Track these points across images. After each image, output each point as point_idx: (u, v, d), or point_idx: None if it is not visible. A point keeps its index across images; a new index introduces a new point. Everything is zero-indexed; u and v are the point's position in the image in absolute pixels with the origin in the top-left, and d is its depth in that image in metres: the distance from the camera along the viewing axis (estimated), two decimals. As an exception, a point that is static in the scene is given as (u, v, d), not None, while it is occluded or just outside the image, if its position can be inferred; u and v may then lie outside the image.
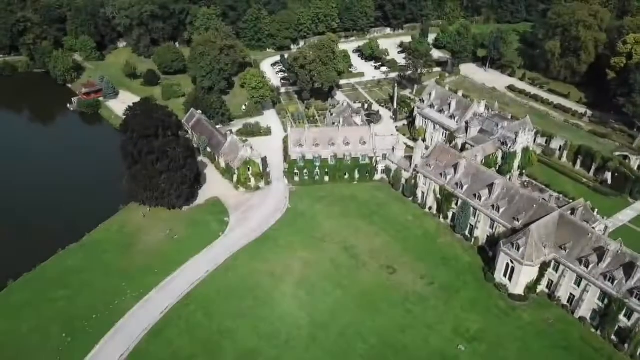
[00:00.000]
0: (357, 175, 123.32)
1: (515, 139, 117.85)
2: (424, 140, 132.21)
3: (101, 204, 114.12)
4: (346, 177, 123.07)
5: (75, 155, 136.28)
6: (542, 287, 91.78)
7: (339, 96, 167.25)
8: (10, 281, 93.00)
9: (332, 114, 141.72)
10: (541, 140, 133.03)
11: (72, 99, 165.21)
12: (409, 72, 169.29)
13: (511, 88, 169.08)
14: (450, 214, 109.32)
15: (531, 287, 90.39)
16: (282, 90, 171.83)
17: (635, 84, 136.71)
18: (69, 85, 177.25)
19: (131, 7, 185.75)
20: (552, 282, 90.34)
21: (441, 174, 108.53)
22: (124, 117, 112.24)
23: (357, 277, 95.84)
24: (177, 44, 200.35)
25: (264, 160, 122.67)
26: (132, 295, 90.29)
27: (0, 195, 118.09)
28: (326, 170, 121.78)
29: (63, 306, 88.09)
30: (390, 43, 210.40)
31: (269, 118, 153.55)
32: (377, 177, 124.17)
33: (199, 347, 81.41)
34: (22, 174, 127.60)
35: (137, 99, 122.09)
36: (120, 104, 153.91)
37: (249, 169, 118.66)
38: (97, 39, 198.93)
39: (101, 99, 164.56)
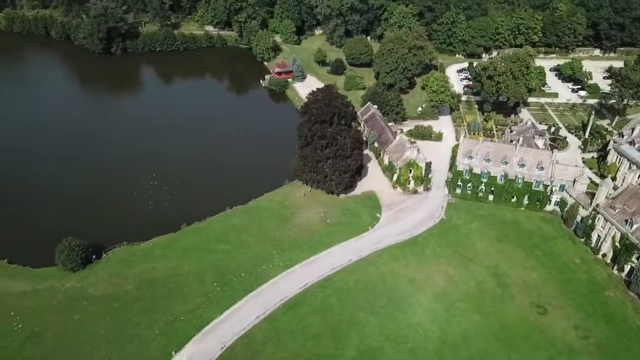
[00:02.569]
0: (525, 201, 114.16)
1: None
2: (613, 179, 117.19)
3: (270, 175, 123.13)
4: (513, 200, 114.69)
5: (257, 127, 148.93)
6: None
7: (524, 114, 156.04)
8: (184, 225, 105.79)
9: (512, 131, 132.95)
10: None
11: (265, 76, 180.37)
12: (612, 101, 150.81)
13: None
14: (627, 268, 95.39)
15: None
16: (463, 98, 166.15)
17: None
18: (265, 63, 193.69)
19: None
20: None
21: (626, 221, 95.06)
22: (306, 100, 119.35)
23: (502, 308, 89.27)
24: (368, 37, 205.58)
25: (428, 165, 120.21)
26: (279, 265, 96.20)
27: (196, 151, 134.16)
28: (492, 188, 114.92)
29: (220, 259, 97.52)
30: (595, 66, 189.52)
31: (443, 124, 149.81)
32: (549, 208, 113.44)
33: (327, 329, 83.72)
34: (212, 135, 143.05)
35: (321, 85, 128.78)
36: (305, 88, 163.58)
37: (411, 170, 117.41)
38: (298, 24, 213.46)
39: (290, 80, 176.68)
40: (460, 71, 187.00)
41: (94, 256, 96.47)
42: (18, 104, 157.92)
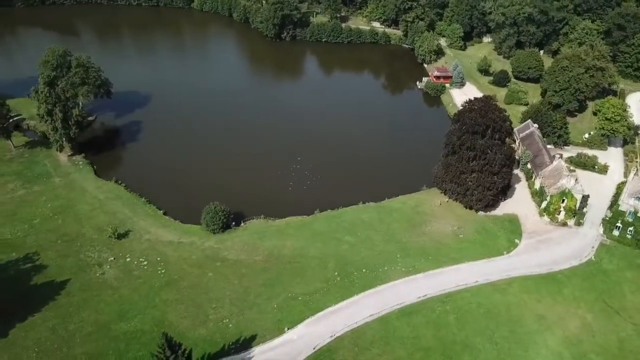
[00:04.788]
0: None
1: None
2: None
3: (408, 177, 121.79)
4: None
5: (404, 128, 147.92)
6: None
7: None
8: (317, 211, 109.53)
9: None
10: None
11: (423, 78, 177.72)
12: None
13: None
14: None
15: None
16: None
17: None
18: (425, 65, 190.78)
19: (511, 5, 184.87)
20: None
21: None
22: (461, 108, 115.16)
23: (644, 375, 78.09)
24: (541, 51, 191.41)
25: (585, 198, 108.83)
26: (401, 269, 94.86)
27: (340, 142, 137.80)
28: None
29: (345, 249, 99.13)
30: None
31: (611, 156, 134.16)
32: None
33: (439, 345, 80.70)
34: (359, 129, 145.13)
35: (479, 94, 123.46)
36: (462, 95, 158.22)
37: (564, 200, 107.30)
38: (467, 29, 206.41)
39: (447, 85, 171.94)
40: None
41: (233, 223, 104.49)
42: (195, 74, 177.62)
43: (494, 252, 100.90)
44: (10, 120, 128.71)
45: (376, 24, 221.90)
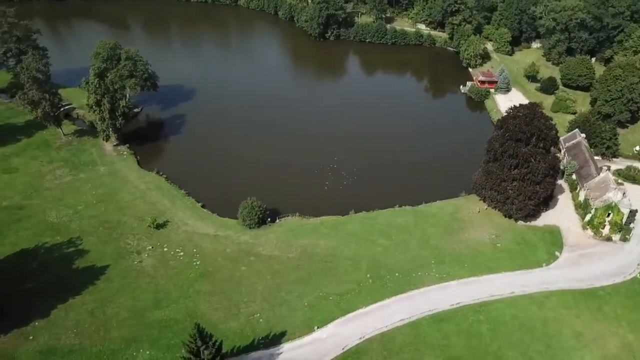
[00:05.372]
0: None
1: None
2: None
3: (446, 183, 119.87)
4: None
5: (445, 132, 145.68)
6: None
7: None
8: (352, 211, 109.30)
9: None
10: None
11: (467, 83, 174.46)
12: None
13: None
14: None
15: None
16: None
17: None
18: (470, 70, 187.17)
19: (563, 10, 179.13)
20: None
21: None
22: (505, 114, 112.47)
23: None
24: (593, 59, 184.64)
25: (633, 213, 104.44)
26: (435, 275, 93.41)
27: (378, 143, 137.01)
28: None
29: (378, 252, 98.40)
30: None
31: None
32: None
33: (470, 355, 79.01)
34: (398, 131, 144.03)
35: (525, 101, 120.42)
36: (507, 101, 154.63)
37: (609, 214, 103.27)
38: (515, 34, 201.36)
39: (492, 90, 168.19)
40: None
41: (268, 219, 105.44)
42: (238, 70, 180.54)
43: (532, 264, 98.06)
44: (62, 109, 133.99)
45: (421, 26, 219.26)
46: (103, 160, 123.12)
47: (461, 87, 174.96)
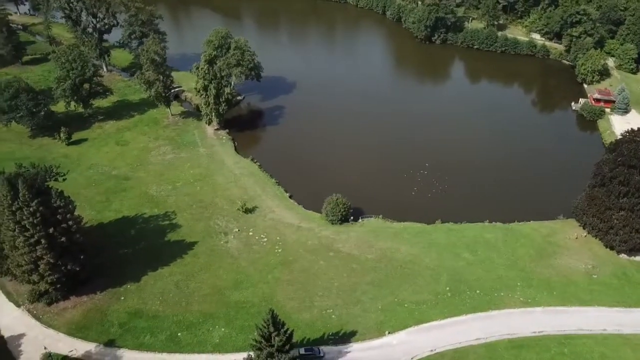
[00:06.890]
0: None
1: None
2: None
3: (543, 203, 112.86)
4: None
5: (549, 150, 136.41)
6: None
7: None
8: (438, 221, 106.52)
9: None
10: None
11: (580, 100, 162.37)
12: None
13: None
14: None
15: None
16: None
17: None
18: (585, 86, 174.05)
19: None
20: None
21: None
22: (620, 137, 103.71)
23: None
24: None
25: None
26: (519, 299, 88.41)
27: (473, 154, 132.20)
28: None
29: (461, 266, 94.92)
30: None
31: None
32: None
33: (547, 390, 74.19)
34: (498, 143, 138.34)
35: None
36: (623, 123, 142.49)
37: None
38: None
39: (608, 110, 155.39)
40: None
41: (351, 217, 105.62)
42: (341, 67, 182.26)
43: (631, 302, 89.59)
44: (172, 91, 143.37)
45: (536, 36, 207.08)
46: (203, 142, 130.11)
47: (573, 103, 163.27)
